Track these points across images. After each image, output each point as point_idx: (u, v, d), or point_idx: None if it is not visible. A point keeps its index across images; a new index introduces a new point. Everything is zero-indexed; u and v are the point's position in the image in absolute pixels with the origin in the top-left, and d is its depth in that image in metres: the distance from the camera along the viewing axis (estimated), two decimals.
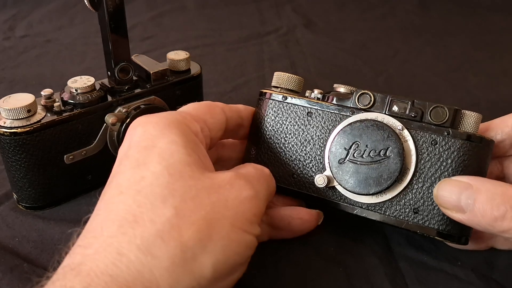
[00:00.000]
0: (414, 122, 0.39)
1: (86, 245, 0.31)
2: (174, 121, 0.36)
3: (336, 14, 1.08)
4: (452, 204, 0.36)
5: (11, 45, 0.89)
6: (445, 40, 0.93)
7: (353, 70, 0.80)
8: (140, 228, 0.30)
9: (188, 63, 0.52)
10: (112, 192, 0.33)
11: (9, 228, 0.45)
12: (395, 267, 0.41)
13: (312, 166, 0.43)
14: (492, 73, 0.79)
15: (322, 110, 0.42)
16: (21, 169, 0.44)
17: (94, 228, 0.32)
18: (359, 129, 0.40)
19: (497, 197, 0.33)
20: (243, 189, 0.35)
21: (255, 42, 0.91)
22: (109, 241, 0.30)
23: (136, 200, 0.31)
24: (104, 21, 0.45)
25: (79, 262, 0.29)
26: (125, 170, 0.34)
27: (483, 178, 0.36)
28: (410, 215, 0.40)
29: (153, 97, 0.49)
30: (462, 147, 0.38)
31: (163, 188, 0.32)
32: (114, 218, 0.31)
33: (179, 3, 1.10)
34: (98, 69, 0.75)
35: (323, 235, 0.44)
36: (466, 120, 0.39)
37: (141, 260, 0.29)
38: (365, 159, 0.40)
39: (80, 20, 1.01)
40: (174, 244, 0.30)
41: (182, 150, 0.34)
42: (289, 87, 0.45)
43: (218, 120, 0.41)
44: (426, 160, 0.39)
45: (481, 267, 0.40)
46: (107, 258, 0.29)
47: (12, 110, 0.42)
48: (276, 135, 0.44)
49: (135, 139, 0.35)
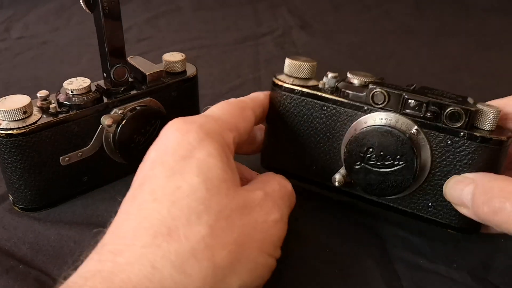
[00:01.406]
0: (430, 123, 0.39)
1: (116, 252, 0.30)
2: (212, 132, 0.36)
3: (332, 16, 1.08)
4: (457, 200, 0.37)
5: (6, 47, 0.89)
6: (440, 41, 0.93)
7: None
8: (174, 243, 0.30)
9: (184, 65, 0.52)
10: (145, 197, 0.33)
11: (5, 230, 0.44)
12: (391, 269, 0.41)
13: (331, 159, 0.44)
14: (488, 74, 0.80)
15: (336, 106, 0.42)
16: (17, 170, 0.44)
17: (125, 234, 0.31)
18: (373, 135, 0.40)
19: (492, 191, 0.34)
20: (270, 212, 0.35)
21: (251, 44, 0.91)
22: (142, 252, 0.30)
23: (171, 212, 0.31)
24: (99, 22, 0.45)
25: (110, 270, 0.29)
26: (159, 176, 0.33)
27: (488, 174, 0.37)
28: (424, 209, 0.41)
29: (148, 99, 0.49)
30: (477, 149, 0.38)
31: (199, 203, 0.32)
32: (147, 227, 0.31)
33: (174, 5, 1.10)
34: (93, 71, 0.74)
35: (319, 236, 0.44)
36: (483, 118, 0.38)
37: (174, 278, 0.29)
38: (380, 165, 0.40)
39: (75, 22, 1.01)
40: (207, 264, 0.30)
41: (219, 164, 0.34)
42: (301, 75, 0.44)
43: (249, 123, 0.41)
44: (441, 160, 0.39)
45: (477, 270, 0.40)
46: (141, 271, 0.29)
47: (8, 111, 0.42)
48: (293, 126, 0.44)
49: (172, 145, 0.35)
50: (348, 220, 0.46)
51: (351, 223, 0.45)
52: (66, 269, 0.32)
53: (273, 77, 0.45)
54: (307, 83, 0.44)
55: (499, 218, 0.33)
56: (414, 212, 0.42)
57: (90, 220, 0.46)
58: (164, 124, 0.38)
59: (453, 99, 0.39)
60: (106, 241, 0.32)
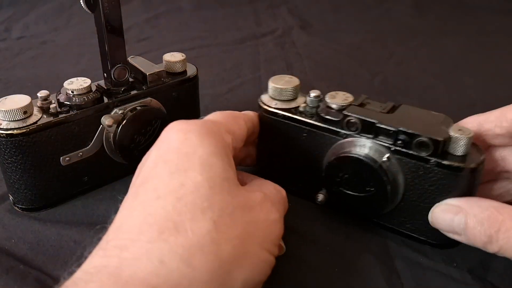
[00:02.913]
0: (402, 150, 0.39)
1: (121, 247, 0.30)
2: (212, 132, 0.36)
3: (332, 16, 1.08)
4: (447, 229, 0.39)
5: (6, 47, 0.89)
6: (440, 42, 0.93)
7: (349, 72, 0.81)
8: (181, 237, 0.30)
9: (184, 65, 0.52)
10: (148, 194, 0.33)
11: (5, 230, 0.44)
12: (390, 266, 0.41)
13: (314, 178, 0.45)
14: (488, 74, 0.80)
15: (316, 130, 0.43)
16: (17, 170, 0.44)
17: (129, 229, 0.31)
18: (347, 162, 0.41)
19: (485, 222, 0.36)
20: (270, 212, 0.36)
21: (251, 44, 0.92)
22: (148, 247, 0.30)
23: (176, 207, 0.31)
24: (100, 22, 0.45)
25: (116, 265, 0.29)
26: (162, 174, 0.33)
27: (472, 200, 0.38)
28: (402, 225, 0.43)
29: (149, 99, 0.49)
30: (447, 176, 0.38)
31: (204, 200, 0.32)
32: (152, 223, 0.31)
33: (175, 5, 1.10)
34: (94, 71, 0.74)
35: (319, 233, 0.44)
36: (455, 145, 0.38)
37: (182, 271, 0.29)
38: (356, 190, 0.42)
39: (76, 22, 1.01)
40: (213, 258, 0.30)
41: (221, 163, 0.35)
42: (284, 98, 0.46)
43: (242, 131, 0.42)
44: (414, 184, 0.40)
45: (477, 269, 0.40)
46: (148, 266, 0.29)
47: (8, 111, 0.42)
48: (278, 145, 0.47)
49: (175, 144, 0.35)
50: (348, 218, 0.46)
51: (351, 221, 0.45)
52: (67, 268, 0.31)
53: (259, 98, 0.47)
54: (289, 104, 0.45)
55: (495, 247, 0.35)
56: (393, 227, 0.44)
57: (90, 220, 0.46)
58: (164, 124, 0.38)
59: (426, 125, 0.39)
60: (111, 237, 0.31)
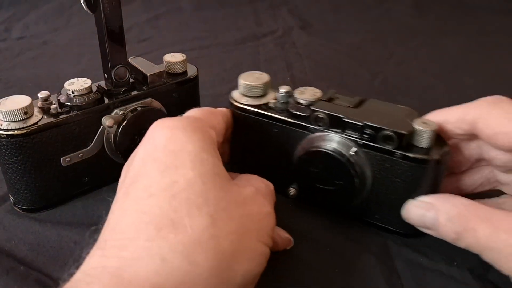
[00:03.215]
0: (368, 143, 0.40)
1: (120, 247, 0.30)
2: (198, 128, 0.36)
3: (332, 16, 1.08)
4: (419, 224, 0.39)
5: (7, 47, 0.89)
6: (440, 42, 0.93)
7: (349, 72, 0.81)
8: (181, 234, 0.30)
9: (184, 65, 0.52)
10: (139, 194, 0.32)
11: (5, 231, 0.44)
12: (391, 266, 0.41)
13: (286, 172, 0.45)
14: (488, 74, 0.80)
15: (285, 126, 0.44)
16: (17, 171, 0.44)
17: (125, 229, 0.31)
18: (316, 157, 0.42)
19: (454, 220, 0.37)
20: (263, 205, 0.36)
21: (251, 44, 0.92)
22: (148, 245, 0.29)
23: (172, 204, 0.31)
24: (100, 23, 0.45)
25: (116, 266, 0.28)
26: (152, 172, 0.33)
27: (444, 197, 0.39)
28: (372, 216, 0.44)
29: (149, 100, 0.49)
30: (413, 168, 0.39)
31: (198, 196, 0.32)
32: (149, 221, 0.30)
33: (175, 5, 1.10)
34: (94, 71, 0.74)
35: (319, 234, 0.44)
36: (419, 137, 0.39)
37: (184, 269, 0.29)
38: (325, 183, 0.43)
39: (76, 22, 1.01)
40: (213, 253, 0.30)
41: (211, 159, 0.34)
42: (254, 95, 0.46)
43: (221, 127, 0.42)
44: (381, 177, 0.41)
45: (477, 268, 0.40)
46: (149, 265, 0.28)
47: (9, 112, 0.42)
48: (250, 140, 0.47)
49: (161, 141, 0.35)
50: (348, 218, 0.46)
51: (350, 222, 0.45)
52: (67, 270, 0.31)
53: (229, 95, 0.48)
54: (260, 101, 0.46)
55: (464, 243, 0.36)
56: (364, 218, 0.45)
57: (90, 221, 0.45)
58: None
59: (391, 118, 0.40)
60: (107, 237, 0.31)
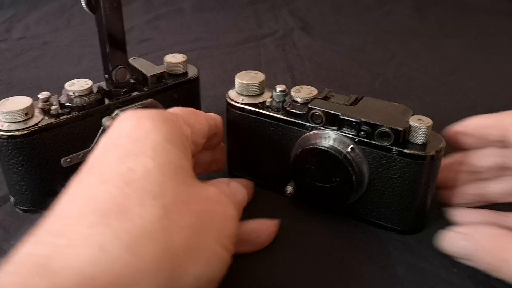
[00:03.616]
0: (365, 140, 0.41)
1: (56, 233, 0.27)
2: (168, 120, 0.34)
3: (333, 17, 1.08)
4: (455, 254, 0.39)
5: (7, 48, 0.89)
6: (441, 43, 0.93)
7: (350, 73, 0.81)
8: (128, 222, 0.27)
9: (185, 66, 0.52)
10: (93, 179, 0.30)
11: (5, 232, 0.44)
12: (391, 271, 0.41)
13: (283, 171, 0.46)
14: (489, 76, 0.79)
15: (282, 124, 0.44)
16: (18, 172, 0.44)
17: (68, 214, 0.28)
18: (313, 154, 0.42)
19: (491, 250, 0.36)
20: (228, 207, 0.35)
21: (252, 45, 0.91)
22: (88, 232, 0.26)
23: (124, 191, 0.28)
24: (101, 23, 0.44)
25: (46, 254, 0.25)
26: (110, 158, 0.31)
27: (481, 227, 0.38)
28: (368, 214, 0.45)
29: (150, 100, 0.49)
30: (409, 164, 0.40)
31: (154, 186, 0.29)
32: (96, 207, 0.28)
33: (176, 6, 1.10)
34: (95, 72, 0.75)
35: (318, 240, 0.44)
36: (415, 134, 0.40)
37: (124, 260, 0.26)
38: (322, 181, 0.43)
39: (76, 23, 1.01)
40: (163, 247, 0.27)
41: (176, 151, 0.33)
42: (250, 94, 0.47)
43: (203, 127, 0.40)
44: (378, 173, 0.42)
45: (478, 275, 0.40)
46: (85, 254, 0.25)
47: (10, 113, 0.42)
48: (247, 140, 0.48)
49: (126, 129, 0.33)
50: (348, 223, 0.46)
51: (350, 226, 0.45)
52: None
53: (226, 94, 0.48)
54: (256, 99, 0.47)
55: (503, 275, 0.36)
56: (361, 216, 0.45)
57: None
58: None
59: (387, 115, 0.41)
60: (47, 223, 0.28)
